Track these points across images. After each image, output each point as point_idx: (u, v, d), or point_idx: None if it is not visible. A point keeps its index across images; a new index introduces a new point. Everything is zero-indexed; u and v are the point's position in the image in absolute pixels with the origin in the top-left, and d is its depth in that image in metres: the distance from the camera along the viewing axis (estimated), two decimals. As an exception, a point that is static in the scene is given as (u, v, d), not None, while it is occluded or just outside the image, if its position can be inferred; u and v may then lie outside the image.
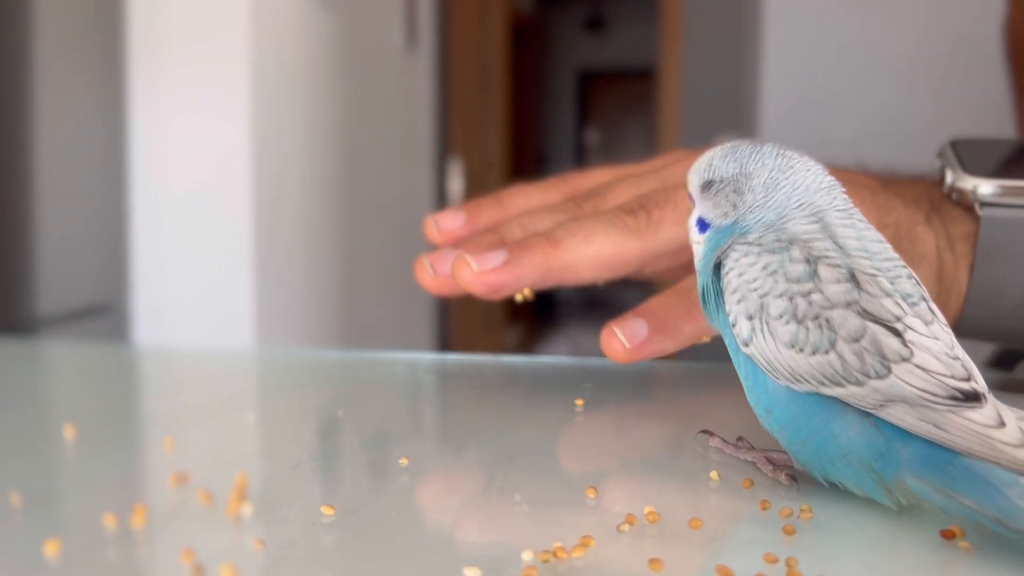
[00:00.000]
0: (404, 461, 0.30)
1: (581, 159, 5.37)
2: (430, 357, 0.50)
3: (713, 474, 0.29)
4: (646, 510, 0.25)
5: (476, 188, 3.15)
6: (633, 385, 0.44)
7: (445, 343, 2.87)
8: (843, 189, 0.29)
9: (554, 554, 0.22)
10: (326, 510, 0.25)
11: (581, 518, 0.25)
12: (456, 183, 2.96)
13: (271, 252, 1.66)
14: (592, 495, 0.27)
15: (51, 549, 0.23)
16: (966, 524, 0.24)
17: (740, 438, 0.32)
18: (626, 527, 0.24)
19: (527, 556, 0.22)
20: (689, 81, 2.81)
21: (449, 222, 0.42)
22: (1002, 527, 0.23)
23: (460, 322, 2.99)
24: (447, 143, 2.87)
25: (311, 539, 0.24)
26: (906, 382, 0.24)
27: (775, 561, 0.22)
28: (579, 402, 0.38)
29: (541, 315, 4.81)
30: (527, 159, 4.35)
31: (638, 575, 0.22)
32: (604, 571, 0.22)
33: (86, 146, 1.42)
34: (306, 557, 0.23)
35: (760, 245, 0.28)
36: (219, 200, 1.58)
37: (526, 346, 4.14)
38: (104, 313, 1.49)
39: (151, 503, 0.26)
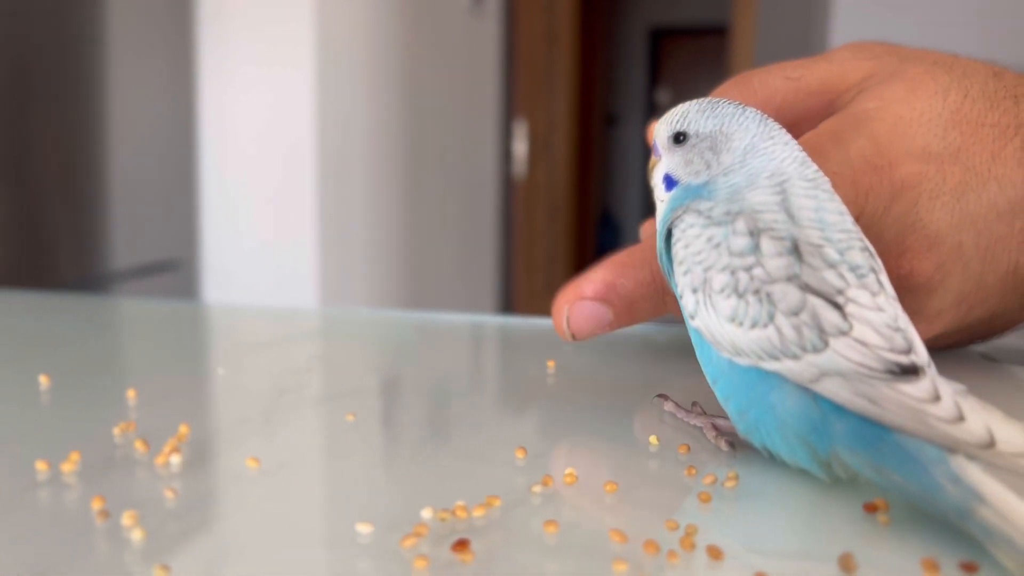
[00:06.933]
0: (350, 417, 0.30)
1: (652, 119, 5.22)
2: (445, 317, 0.50)
3: (653, 438, 0.28)
4: (566, 471, 0.25)
5: (541, 149, 3.13)
6: (614, 348, 0.43)
7: (508, 305, 2.88)
8: (815, 167, 0.28)
9: (453, 513, 0.22)
10: (251, 463, 0.26)
11: (499, 477, 0.25)
12: (521, 144, 2.95)
13: (335, 213, 1.68)
14: (521, 455, 0.27)
15: (-22, 491, 0.24)
16: (897, 499, 0.23)
17: (695, 403, 0.31)
18: (539, 488, 0.24)
19: (426, 514, 0.22)
20: (762, 40, 2.72)
21: None
22: (925, 504, 0.22)
23: (522, 284, 2.99)
24: (512, 104, 2.85)
25: (226, 490, 0.24)
26: (843, 355, 0.24)
27: (675, 528, 0.22)
28: (551, 364, 0.38)
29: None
30: (595, 119, 4.30)
31: (530, 536, 0.22)
32: (498, 531, 0.22)
33: (157, 107, 1.46)
34: (212, 507, 0.23)
35: (709, 217, 0.27)
36: (284, 160, 1.61)
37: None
38: (175, 269, 1.54)
39: (91, 451, 0.27)
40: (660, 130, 0.31)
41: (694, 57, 5.10)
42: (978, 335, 0.40)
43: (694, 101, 0.30)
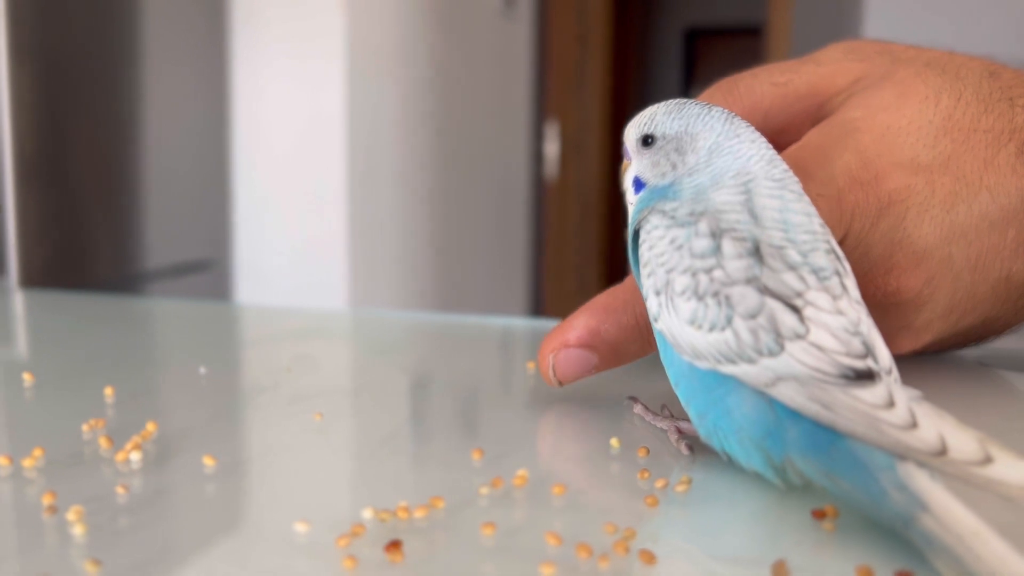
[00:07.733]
0: (318, 417, 0.30)
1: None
2: (441, 318, 0.50)
3: (614, 441, 0.28)
4: (517, 473, 0.25)
5: (573, 151, 3.13)
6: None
7: (539, 307, 2.87)
8: (784, 165, 0.28)
9: (395, 513, 0.22)
10: (208, 461, 0.26)
11: (450, 478, 0.25)
12: (552, 146, 2.94)
13: (366, 214, 1.69)
14: (478, 456, 0.27)
15: (-62, 485, 0.24)
16: (848, 507, 0.23)
17: (664, 406, 0.31)
18: (486, 490, 0.24)
19: (367, 514, 0.22)
20: (798, 40, 2.69)
21: None
22: (873, 512, 0.22)
23: (553, 286, 2.99)
24: (544, 105, 2.85)
25: (178, 488, 0.25)
26: (798, 359, 0.23)
27: (614, 531, 0.21)
28: (530, 365, 0.37)
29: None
30: (628, 121, 4.28)
31: (468, 538, 0.21)
32: (437, 532, 0.22)
33: (191, 108, 1.48)
34: (161, 504, 0.23)
35: (673, 218, 0.27)
36: (316, 162, 1.62)
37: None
38: (209, 269, 1.56)
39: (58, 448, 0.27)
40: (629, 133, 0.31)
41: (730, 58, 5.05)
42: (971, 339, 0.39)
43: (662, 103, 0.30)
